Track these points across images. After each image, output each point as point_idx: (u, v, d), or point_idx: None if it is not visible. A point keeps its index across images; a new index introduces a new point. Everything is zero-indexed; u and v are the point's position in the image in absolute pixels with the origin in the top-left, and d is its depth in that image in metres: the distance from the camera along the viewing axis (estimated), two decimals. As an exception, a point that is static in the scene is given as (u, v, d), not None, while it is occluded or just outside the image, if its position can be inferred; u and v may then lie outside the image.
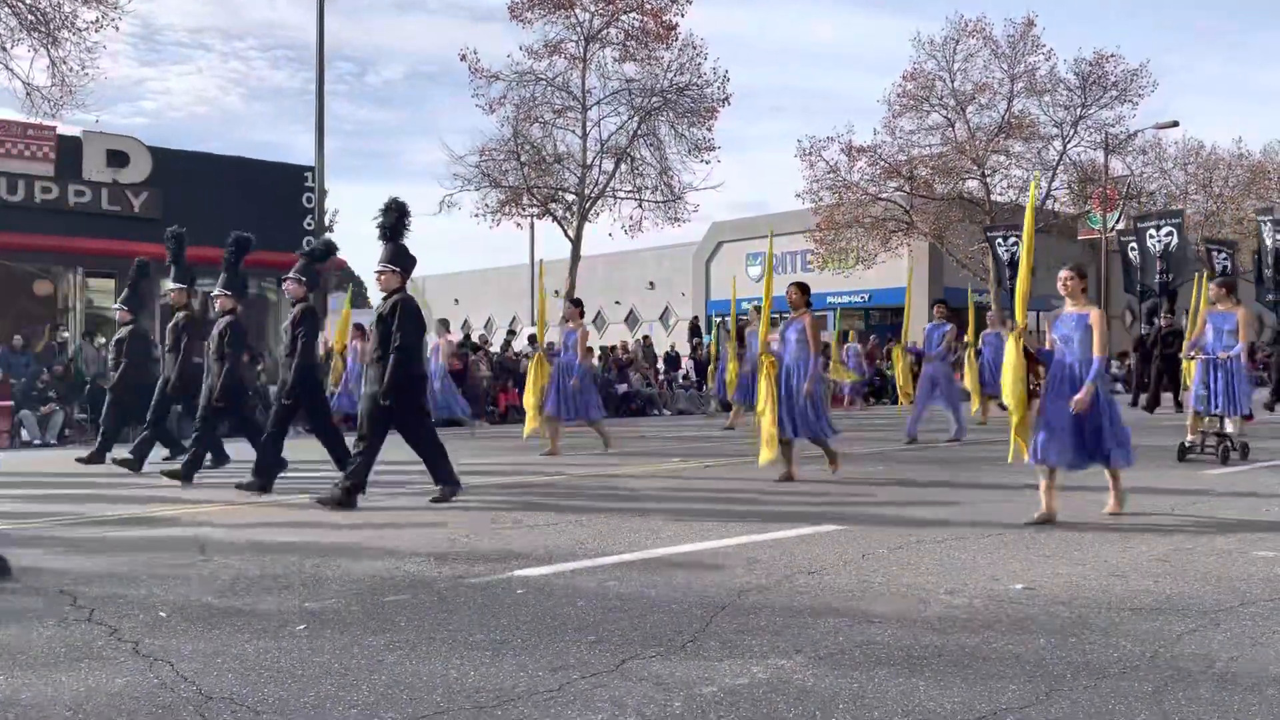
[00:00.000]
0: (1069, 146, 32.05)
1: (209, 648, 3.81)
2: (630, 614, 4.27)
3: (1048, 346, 6.75)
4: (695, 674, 3.48)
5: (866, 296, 39.03)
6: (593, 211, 26.96)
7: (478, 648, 3.80)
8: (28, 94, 20.11)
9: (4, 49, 19.84)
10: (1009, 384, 6.60)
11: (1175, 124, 31.44)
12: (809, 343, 8.96)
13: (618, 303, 47.75)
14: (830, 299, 35.83)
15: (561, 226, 27.15)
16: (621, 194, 27.41)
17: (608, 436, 12.07)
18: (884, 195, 31.75)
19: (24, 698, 3.26)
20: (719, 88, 26.49)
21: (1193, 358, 10.19)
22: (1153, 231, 24.50)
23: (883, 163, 31.34)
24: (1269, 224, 26.84)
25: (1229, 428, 10.07)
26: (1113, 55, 30.97)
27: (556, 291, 25.05)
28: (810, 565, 5.25)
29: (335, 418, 14.61)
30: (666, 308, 46.09)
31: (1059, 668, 3.53)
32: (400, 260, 7.85)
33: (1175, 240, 24.06)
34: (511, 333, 31.82)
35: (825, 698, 3.24)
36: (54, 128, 19.23)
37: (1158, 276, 23.64)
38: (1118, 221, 33.66)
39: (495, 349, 22.76)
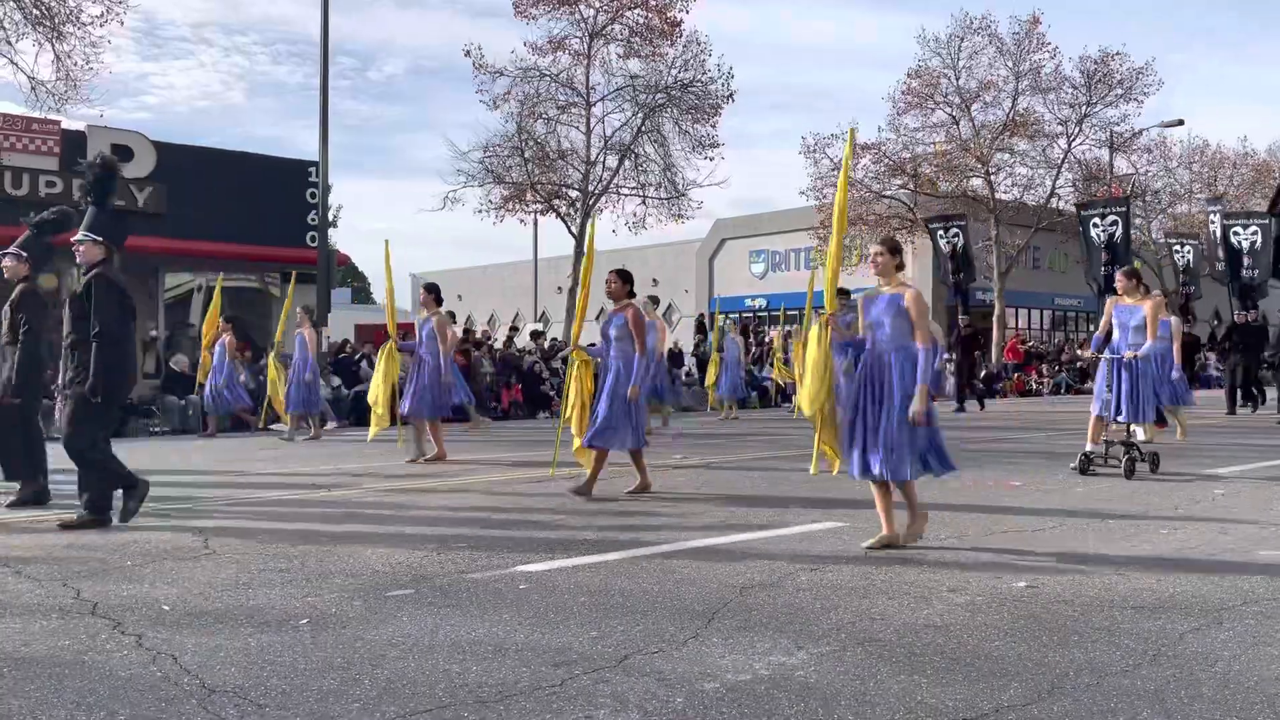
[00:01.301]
0: (1074, 145, 32.06)
1: (212, 642, 3.81)
2: (633, 610, 4.27)
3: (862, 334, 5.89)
4: (697, 670, 3.48)
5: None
6: (596, 208, 26.96)
7: (480, 643, 3.80)
8: (32, 88, 20.17)
9: (9, 43, 19.88)
10: (808, 381, 5.92)
11: (1180, 122, 31.43)
12: (633, 338, 7.70)
13: (621, 299, 47.70)
14: (834, 296, 35.75)
15: (565, 223, 27.16)
16: (625, 190, 27.43)
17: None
18: (888, 193, 31.74)
19: (27, 690, 3.27)
20: (723, 84, 26.52)
21: (1095, 358, 9.15)
22: (1097, 220, 22.87)
23: (887, 160, 31.35)
24: (1218, 215, 26.45)
25: (1140, 435, 9.25)
26: (1118, 54, 30.99)
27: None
28: (813, 562, 5.25)
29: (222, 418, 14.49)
30: (670, 305, 46.09)
31: (1061, 666, 3.53)
32: (105, 228, 6.59)
33: (1120, 230, 22.58)
34: (514, 329, 31.81)
35: (827, 695, 3.24)
36: (58, 122, 19.23)
37: (1103, 269, 21.90)
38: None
39: (498, 344, 22.77)
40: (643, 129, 26.80)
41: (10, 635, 3.91)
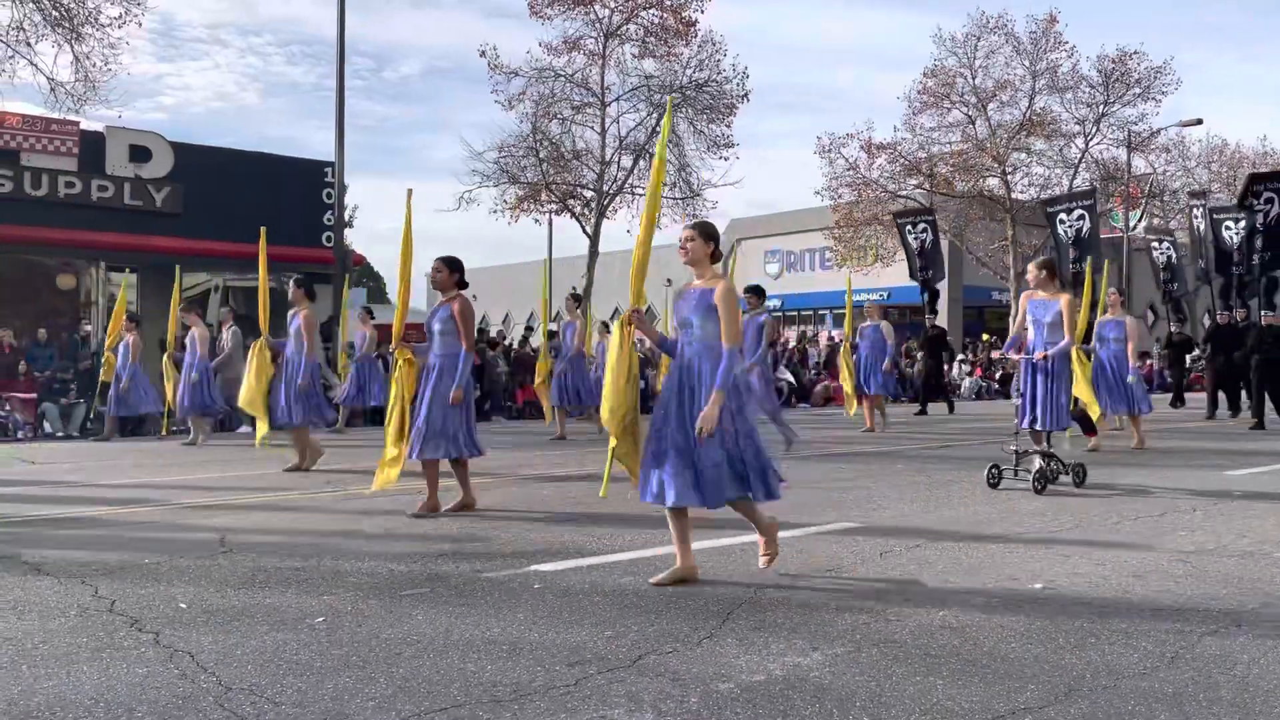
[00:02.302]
0: (1091, 144, 31.87)
1: (229, 639, 3.83)
2: (647, 610, 4.27)
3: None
4: (712, 670, 3.47)
5: (886, 294, 38.86)
6: (611, 208, 26.97)
7: (495, 642, 3.81)
8: (52, 89, 20.32)
9: (29, 44, 20.04)
10: (608, 386, 5.08)
11: (1199, 122, 31.20)
12: (459, 333, 6.95)
13: (636, 299, 47.72)
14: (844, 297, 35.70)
15: (580, 223, 27.18)
16: (640, 190, 27.40)
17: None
18: (903, 193, 31.62)
19: (45, 687, 3.29)
20: (738, 84, 26.47)
21: (1011, 358, 8.44)
22: (1063, 216, 21.82)
23: (902, 160, 31.23)
24: (1202, 209, 25.66)
25: (1066, 445, 8.35)
26: (1136, 53, 30.78)
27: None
28: (828, 563, 5.23)
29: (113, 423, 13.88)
30: (684, 305, 46.01)
31: (1078, 668, 3.51)
32: None
33: (1087, 224, 21.39)
34: (529, 328, 31.88)
35: (842, 695, 3.23)
36: (77, 123, 19.40)
37: (1070, 265, 20.84)
38: (1140, 220, 33.40)
39: (513, 344, 22.81)
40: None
41: (30, 632, 3.94)
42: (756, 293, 11.03)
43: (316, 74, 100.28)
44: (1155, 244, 28.45)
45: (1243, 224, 20.39)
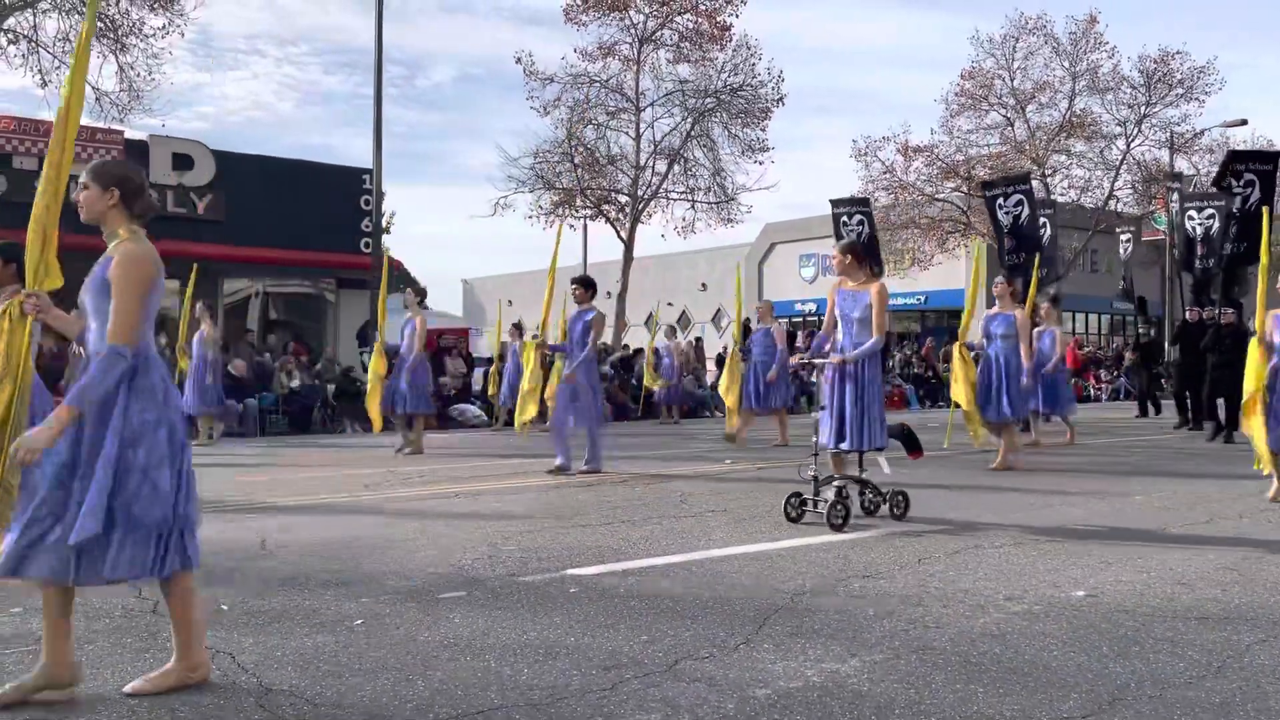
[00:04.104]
0: (1133, 146, 31.40)
1: (269, 641, 3.87)
2: (683, 615, 4.25)
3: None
4: (749, 676, 3.45)
5: (923, 298, 38.57)
6: (645, 213, 27.00)
7: (531, 646, 3.81)
8: (96, 99, 20.71)
9: (74, 55, 20.43)
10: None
11: (1244, 122, 30.61)
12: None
13: (670, 304, 47.76)
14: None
15: (614, 228, 27.25)
16: (674, 195, 27.44)
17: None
18: (941, 195, 31.36)
19: (90, 687, 3.34)
20: (773, 88, 26.42)
21: (809, 364, 6.90)
22: (1001, 201, 19.11)
23: (940, 163, 30.97)
24: (1177, 195, 23.92)
25: (885, 469, 6.82)
26: (1178, 53, 30.30)
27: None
28: (865, 569, 5.19)
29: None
30: (719, 309, 46.00)
31: (1123, 677, 3.45)
32: None
33: (1025, 211, 18.88)
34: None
35: (880, 703, 3.20)
36: (121, 132, 19.74)
37: (1007, 256, 18.49)
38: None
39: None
40: (692, 133, 26.80)
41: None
42: (584, 284, 9.80)
43: (352, 83, 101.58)
44: (1121, 232, 26.87)
45: (1209, 212, 17.83)
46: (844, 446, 6.60)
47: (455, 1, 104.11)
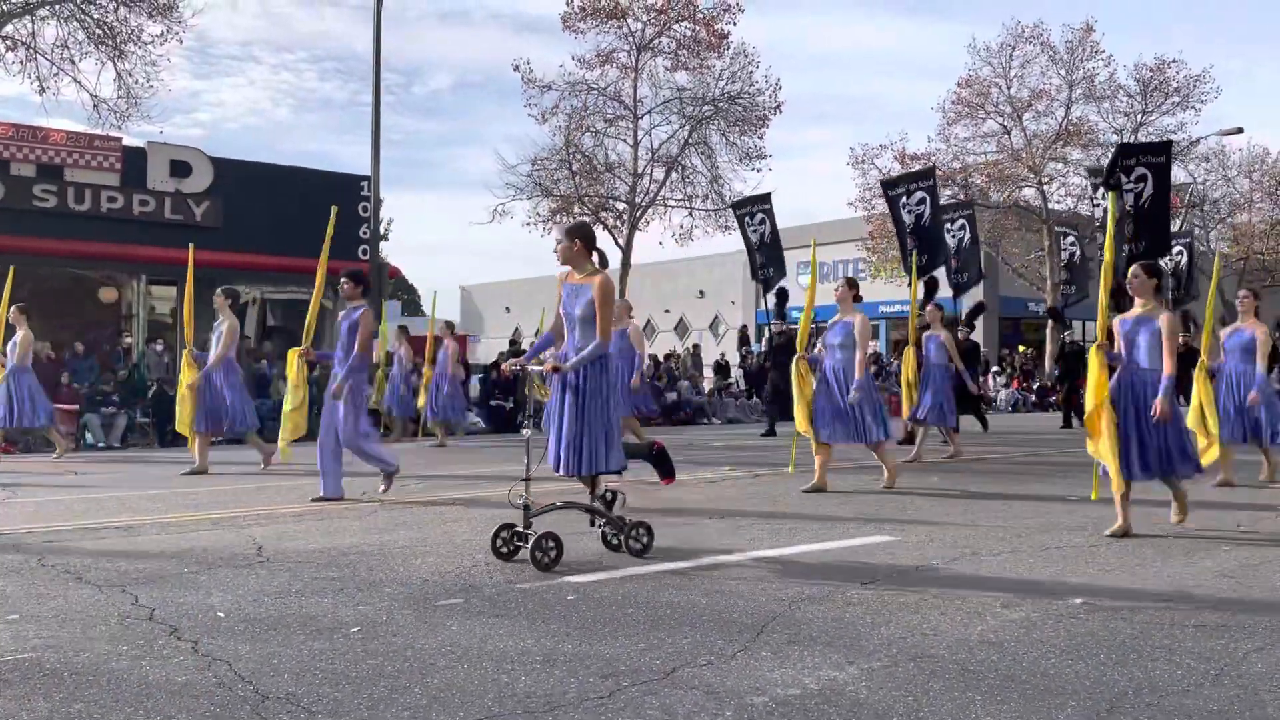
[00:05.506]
0: (1129, 153, 31.41)
1: (266, 648, 3.86)
2: (681, 622, 4.25)
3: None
4: (746, 684, 3.45)
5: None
6: (643, 220, 27.03)
7: (528, 653, 3.81)
8: (95, 106, 20.74)
9: (73, 62, 20.47)
10: None
11: (1239, 130, 30.70)
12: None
13: (667, 311, 47.77)
14: (882, 308, 35.47)
15: (612, 235, 27.25)
16: (672, 202, 27.47)
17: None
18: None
19: (87, 694, 3.33)
20: (771, 96, 26.47)
21: (521, 368, 6.03)
22: (904, 199, 17.98)
23: (937, 171, 31.01)
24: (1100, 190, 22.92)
25: (616, 494, 6.08)
26: (1174, 61, 30.43)
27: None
28: (864, 576, 5.19)
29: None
30: (716, 316, 46.02)
31: (1120, 685, 3.45)
32: None
33: (928, 210, 17.74)
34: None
35: (878, 710, 3.20)
36: (120, 139, 19.75)
37: (909, 257, 16.78)
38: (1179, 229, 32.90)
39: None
40: (690, 141, 26.84)
41: (71, 640, 4.00)
42: (353, 278, 8.57)
43: (349, 90, 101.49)
44: (1063, 236, 25.96)
45: (1103, 207, 16.83)
46: (560, 470, 5.59)
47: (453, 9, 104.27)
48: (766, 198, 19.34)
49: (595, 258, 5.73)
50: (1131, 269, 6.54)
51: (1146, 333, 6.31)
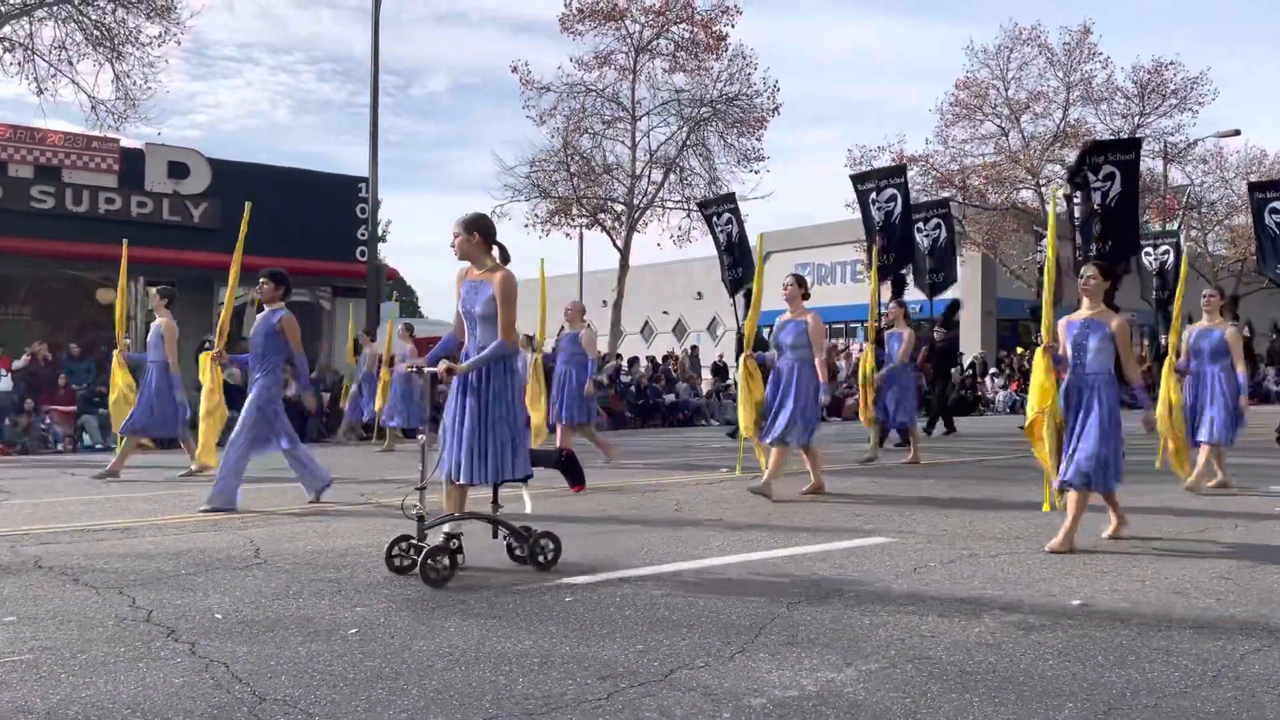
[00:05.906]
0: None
1: (263, 650, 3.86)
2: (679, 624, 4.25)
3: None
4: (744, 685, 3.45)
5: (918, 308, 38.57)
6: (641, 221, 27.03)
7: (526, 654, 3.81)
8: (93, 107, 20.72)
9: (70, 63, 20.45)
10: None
11: (1237, 132, 30.81)
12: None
13: (666, 313, 47.79)
14: (882, 310, 35.47)
15: (610, 236, 27.26)
16: (670, 204, 27.46)
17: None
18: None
19: (84, 696, 3.33)
20: (769, 98, 26.47)
21: (419, 368, 5.60)
22: (874, 196, 17.51)
23: (935, 172, 31.06)
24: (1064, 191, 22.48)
25: (528, 506, 5.89)
26: (1172, 63, 30.47)
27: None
28: (861, 577, 5.19)
29: None
30: (714, 318, 46.03)
31: (1118, 686, 3.45)
32: None
33: (899, 208, 17.33)
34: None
35: (876, 712, 3.20)
36: (117, 140, 19.73)
37: (878, 256, 15.93)
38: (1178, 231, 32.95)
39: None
40: (688, 142, 26.84)
41: (68, 642, 3.99)
42: (274, 279, 8.27)
43: (346, 91, 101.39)
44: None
45: (1076, 205, 16.37)
46: (459, 479, 5.27)
47: (450, 11, 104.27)
48: (731, 197, 18.89)
49: (496, 252, 5.46)
50: (1084, 269, 6.30)
51: (1096, 337, 6.06)
